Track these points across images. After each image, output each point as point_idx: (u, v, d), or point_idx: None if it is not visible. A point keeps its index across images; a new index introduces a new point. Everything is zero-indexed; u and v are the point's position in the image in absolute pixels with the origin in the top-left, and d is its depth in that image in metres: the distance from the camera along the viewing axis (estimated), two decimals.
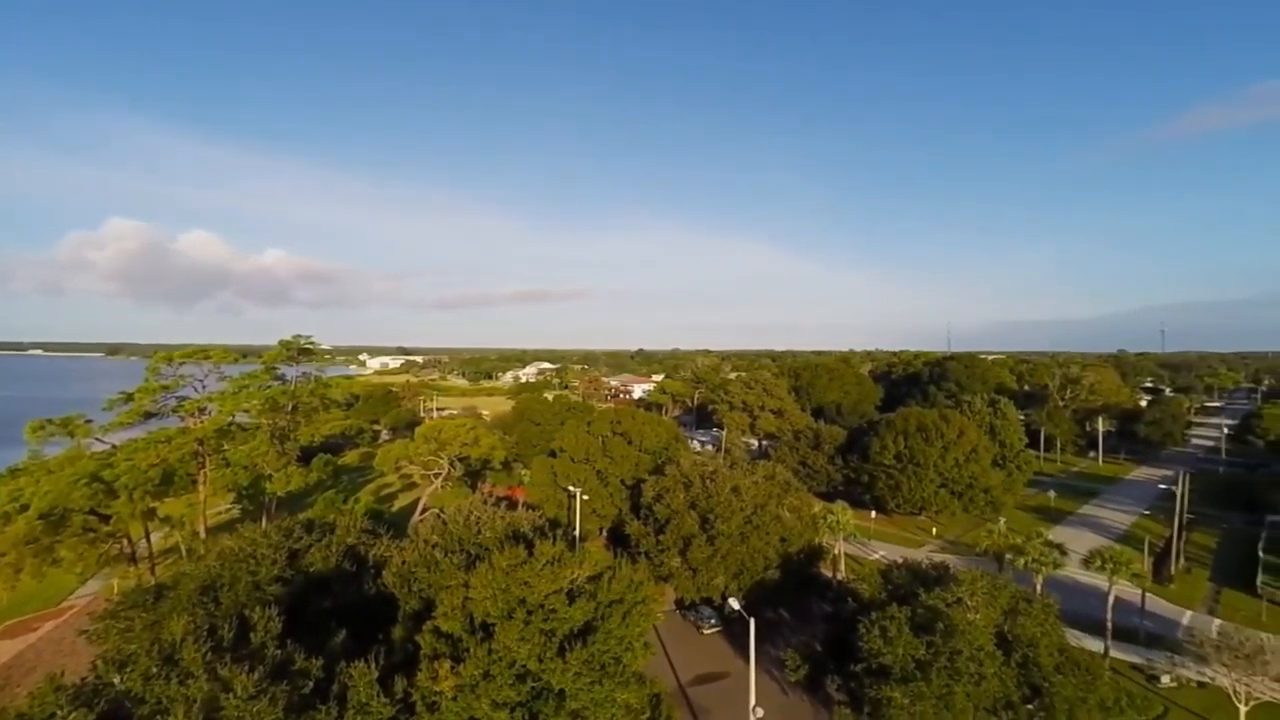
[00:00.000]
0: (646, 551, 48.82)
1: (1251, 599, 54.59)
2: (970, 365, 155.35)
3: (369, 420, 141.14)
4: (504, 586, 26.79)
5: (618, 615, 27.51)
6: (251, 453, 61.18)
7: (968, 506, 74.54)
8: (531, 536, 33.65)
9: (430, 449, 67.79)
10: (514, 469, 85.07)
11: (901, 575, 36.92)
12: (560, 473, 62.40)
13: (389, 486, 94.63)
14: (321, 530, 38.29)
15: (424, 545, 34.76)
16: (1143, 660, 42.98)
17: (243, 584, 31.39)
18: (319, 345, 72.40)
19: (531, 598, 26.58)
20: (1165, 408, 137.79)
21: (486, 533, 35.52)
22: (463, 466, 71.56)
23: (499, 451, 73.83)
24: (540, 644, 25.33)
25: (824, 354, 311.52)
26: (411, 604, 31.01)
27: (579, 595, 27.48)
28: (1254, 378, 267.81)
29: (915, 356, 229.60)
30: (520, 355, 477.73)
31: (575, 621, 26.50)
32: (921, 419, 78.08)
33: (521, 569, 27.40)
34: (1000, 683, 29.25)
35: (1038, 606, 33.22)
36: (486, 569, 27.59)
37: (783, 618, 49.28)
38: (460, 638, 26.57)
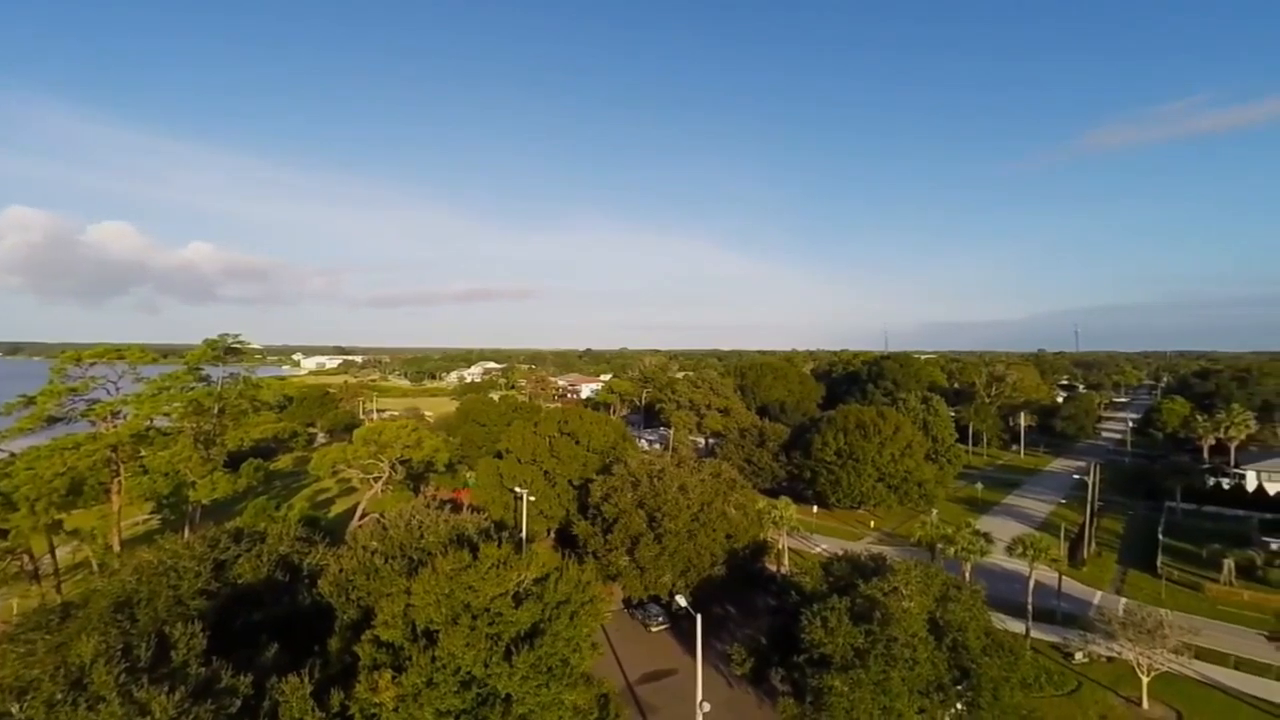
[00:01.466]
0: (594, 551, 48.69)
1: (1153, 579, 59.34)
2: (905, 364, 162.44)
3: (304, 423, 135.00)
4: (448, 591, 26.16)
5: (565, 616, 27.32)
6: (173, 459, 57.39)
7: (903, 499, 77.88)
8: (477, 540, 33.01)
9: (370, 452, 65.39)
10: (459, 471, 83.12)
11: (842, 567, 38.19)
12: (506, 474, 61.44)
13: (325, 492, 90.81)
14: (251, 539, 36.33)
15: (363, 552, 33.53)
16: (1059, 639, 45.99)
17: (163, 599, 29.44)
18: (249, 344, 68.57)
19: (477, 602, 26.06)
20: (1079, 404, 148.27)
21: (429, 537, 34.58)
22: (405, 470, 69.36)
23: (443, 453, 71.93)
24: (486, 649, 24.86)
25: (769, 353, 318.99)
26: (349, 613, 29.86)
27: (526, 598, 27.12)
28: (1155, 376, 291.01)
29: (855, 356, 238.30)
30: (465, 355, 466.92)
31: (522, 624, 26.15)
32: (860, 416, 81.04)
33: (466, 573, 26.82)
34: (932, 666, 30.67)
35: (966, 593, 35.01)
36: (429, 574, 26.87)
37: (729, 613, 50.15)
38: (402, 646, 25.78)
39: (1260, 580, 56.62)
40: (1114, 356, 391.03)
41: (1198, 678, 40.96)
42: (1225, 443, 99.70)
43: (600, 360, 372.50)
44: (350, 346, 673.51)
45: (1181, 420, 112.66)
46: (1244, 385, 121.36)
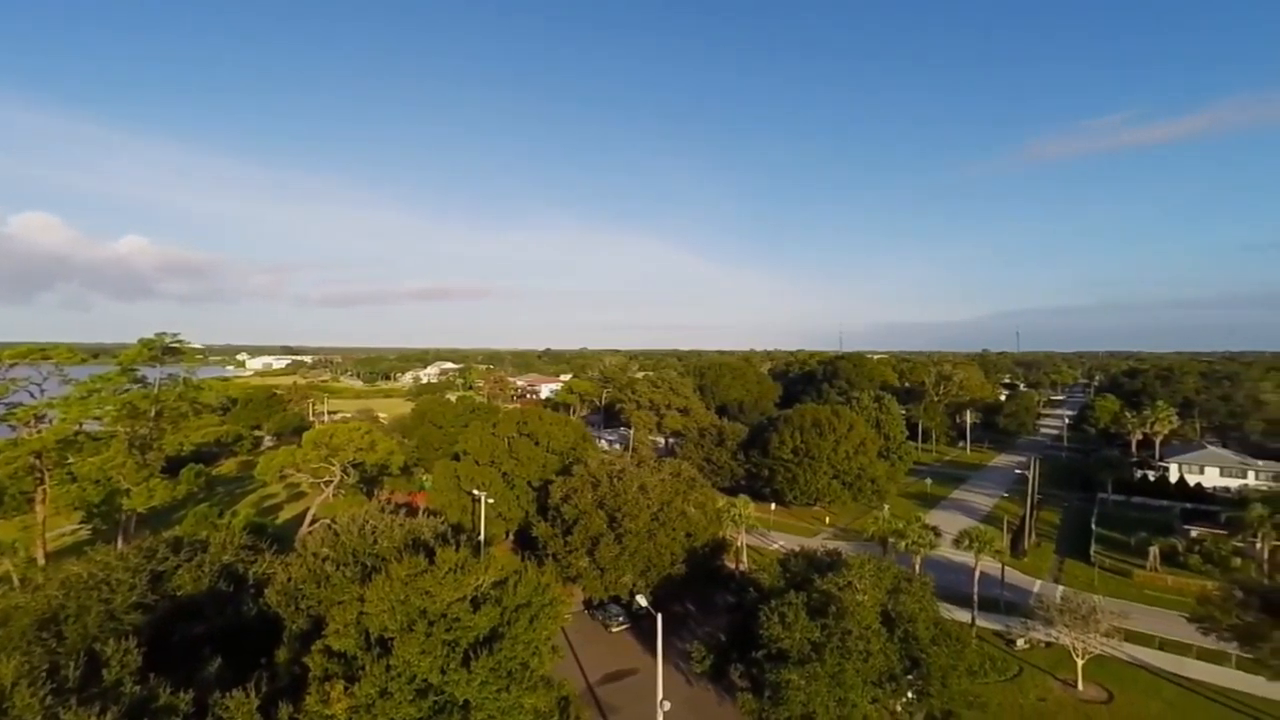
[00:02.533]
0: (554, 553, 48.33)
1: (1087, 567, 62.69)
2: (859, 364, 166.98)
3: (249, 426, 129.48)
4: (403, 598, 25.52)
5: (524, 620, 27.01)
6: (104, 465, 54.28)
7: (857, 495, 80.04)
8: (433, 544, 32.36)
9: (320, 455, 63.26)
10: (414, 474, 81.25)
11: (798, 563, 38.97)
12: (464, 476, 60.38)
13: (273, 497, 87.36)
14: (192, 548, 34.68)
15: (313, 559, 32.39)
16: (1003, 627, 48.08)
17: (93, 614, 27.75)
18: (188, 344, 65.45)
19: (433, 608, 25.50)
20: (1020, 401, 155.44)
21: (383, 542, 33.67)
22: (357, 473, 67.37)
23: (397, 456, 70.21)
24: (443, 655, 24.37)
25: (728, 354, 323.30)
26: (298, 623, 28.82)
27: (484, 602, 26.69)
28: (1088, 375, 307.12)
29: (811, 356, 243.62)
30: (421, 355, 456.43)
31: (480, 629, 25.74)
32: (816, 415, 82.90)
33: (422, 578, 26.22)
34: (885, 657, 31.62)
35: (917, 585, 36.23)
36: (383, 580, 26.15)
37: (689, 611, 50.54)
38: (354, 655, 25.02)
39: (1182, 566, 60.48)
40: (1051, 356, 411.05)
41: (1127, 659, 43.47)
42: (1151, 437, 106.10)
43: (560, 360, 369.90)
44: (299, 346, 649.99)
45: (1112, 417, 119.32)
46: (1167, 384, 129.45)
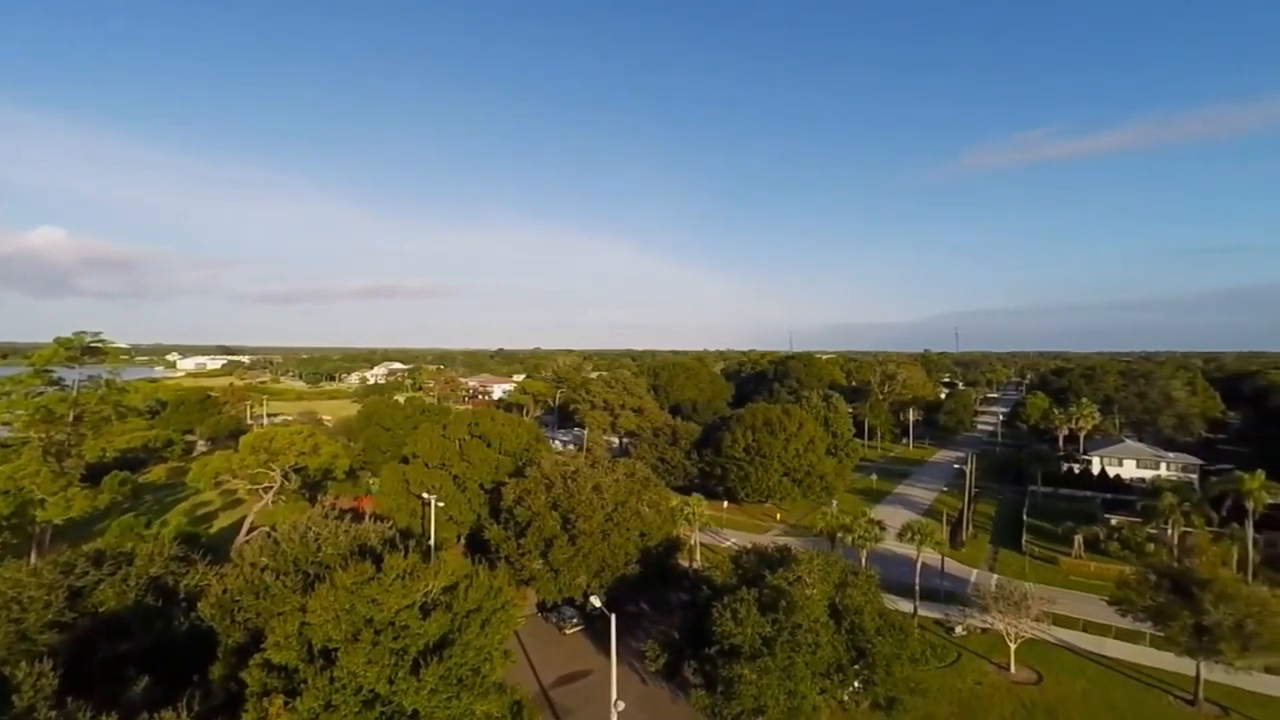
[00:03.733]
0: (507, 556, 47.68)
1: (1019, 556, 66.18)
2: (808, 364, 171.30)
3: (180, 430, 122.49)
4: (348, 606, 24.69)
5: (476, 625, 26.56)
6: (15, 473, 50.40)
7: (806, 492, 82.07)
8: (380, 550, 31.44)
9: (259, 460, 60.46)
10: (360, 478, 78.63)
11: (750, 560, 39.68)
12: (413, 479, 58.85)
13: (207, 505, 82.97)
14: (116, 561, 32.62)
15: (250, 569, 30.95)
16: (942, 615, 50.19)
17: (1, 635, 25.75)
18: (111, 343, 61.43)
19: (380, 615, 24.77)
20: (959, 400, 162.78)
21: (328, 549, 32.49)
22: (299, 478, 64.73)
23: (343, 460, 67.80)
24: (390, 664, 23.70)
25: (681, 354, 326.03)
26: (235, 637, 27.51)
27: (434, 608, 26.11)
28: (1020, 374, 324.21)
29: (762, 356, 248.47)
30: (368, 355, 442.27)
31: (430, 636, 25.16)
32: (767, 414, 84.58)
33: (368, 585, 25.43)
34: (833, 649, 32.57)
35: (863, 578, 37.45)
36: (327, 589, 25.24)
37: (643, 610, 50.72)
38: (296, 668, 24.06)
39: (1103, 552, 64.56)
40: (988, 356, 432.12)
41: (1055, 641, 46.12)
42: (1076, 432, 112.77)
43: (513, 360, 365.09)
44: (236, 346, 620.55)
45: (1042, 413, 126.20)
46: (1091, 382, 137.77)
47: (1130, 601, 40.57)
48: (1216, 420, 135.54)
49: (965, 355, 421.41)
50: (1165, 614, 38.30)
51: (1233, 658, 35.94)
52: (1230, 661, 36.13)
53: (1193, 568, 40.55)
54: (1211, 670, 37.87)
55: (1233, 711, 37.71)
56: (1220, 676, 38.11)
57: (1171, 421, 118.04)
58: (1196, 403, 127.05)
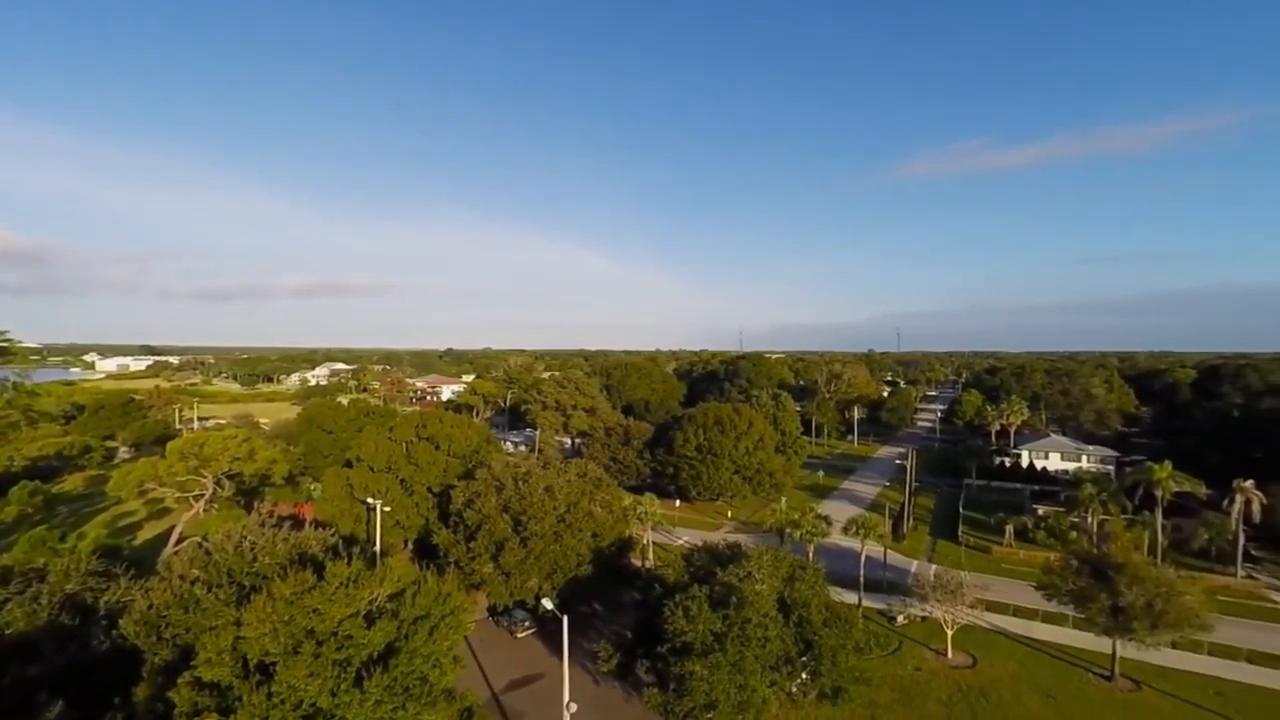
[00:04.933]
0: (456, 560, 46.73)
1: (956, 546, 69.41)
2: (758, 364, 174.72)
3: (100, 436, 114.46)
4: (287, 618, 23.68)
5: (424, 632, 25.94)
6: None
7: (756, 490, 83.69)
8: (322, 558, 30.32)
9: (189, 466, 57.25)
10: (301, 484, 75.52)
11: (701, 557, 40.20)
12: (357, 484, 56.92)
13: (130, 515, 77.94)
14: (25, 579, 30.32)
15: (180, 582, 29.28)
16: (885, 605, 52.12)
17: None
18: (19, 342, 57.01)
19: (322, 626, 23.87)
20: (900, 397, 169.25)
21: (265, 559, 31.05)
22: (234, 485, 61.62)
23: (281, 465, 64.94)
24: (333, 676, 22.87)
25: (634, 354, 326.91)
26: (162, 655, 25.97)
27: (379, 616, 25.34)
28: (957, 372, 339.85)
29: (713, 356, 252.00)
30: (309, 355, 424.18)
31: (375, 645, 24.40)
32: (718, 413, 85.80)
33: (309, 595, 24.45)
34: (781, 642, 33.36)
35: (810, 572, 38.50)
36: (264, 601, 24.13)
37: (596, 611, 50.64)
38: (230, 685, 22.91)
39: (1031, 541, 68.44)
40: (927, 356, 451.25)
41: (988, 627, 48.60)
42: (1007, 428, 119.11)
43: (463, 361, 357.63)
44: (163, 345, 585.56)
45: (976, 410, 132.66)
46: (1020, 380, 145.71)
47: (1055, 586, 43.17)
48: (1130, 415, 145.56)
49: (906, 355, 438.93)
50: (1085, 597, 40.94)
51: (1144, 635, 38.76)
52: (1141, 639, 38.95)
53: (1109, 553, 43.53)
54: (1125, 648, 40.73)
55: (1144, 685, 40.64)
56: (1133, 653, 41.02)
57: (1091, 417, 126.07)
58: (1113, 399, 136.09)
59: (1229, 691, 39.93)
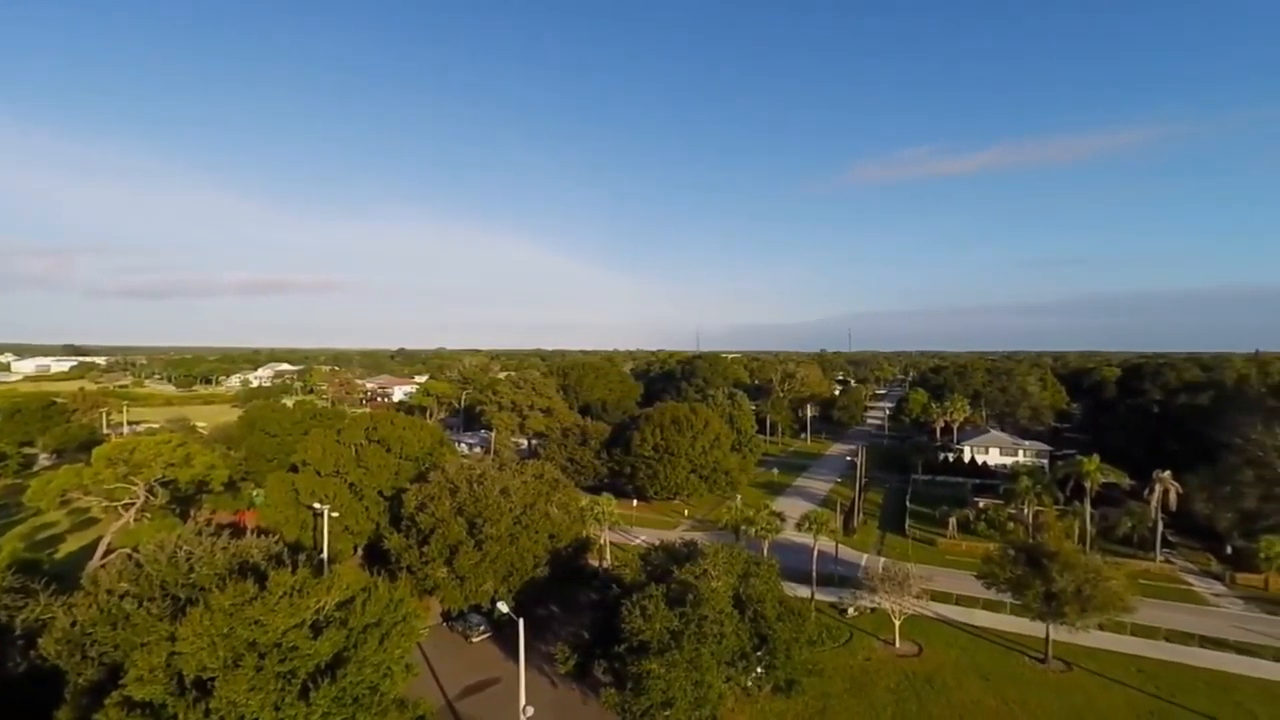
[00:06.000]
0: (409, 566, 45.64)
1: (903, 539, 71.90)
2: (714, 363, 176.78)
3: (16, 441, 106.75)
4: (226, 631, 22.64)
5: (374, 640, 25.23)
6: None
7: (712, 488, 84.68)
8: (265, 566, 29.09)
9: (117, 474, 53.99)
10: (242, 490, 72.22)
11: (658, 556, 40.42)
12: (303, 489, 54.87)
13: (51, 527, 72.97)
14: None
15: (107, 597, 27.61)
16: (836, 598, 53.54)
17: None
18: None
19: (265, 638, 22.92)
20: (851, 396, 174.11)
21: (202, 570, 29.60)
22: (168, 493, 58.44)
23: (220, 470, 61.94)
24: (277, 690, 22.00)
25: (591, 354, 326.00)
26: (87, 674, 24.48)
27: (327, 625, 24.52)
28: (904, 371, 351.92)
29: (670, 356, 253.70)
30: (251, 355, 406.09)
31: (322, 656, 23.60)
32: (675, 412, 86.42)
33: (251, 606, 23.45)
34: (737, 638, 33.87)
35: (765, 568, 39.21)
36: (201, 613, 23.01)
37: (553, 613, 50.26)
38: (163, 704, 21.76)
39: (973, 532, 71.55)
40: (876, 355, 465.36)
41: (933, 616, 50.53)
42: (951, 424, 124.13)
43: (415, 361, 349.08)
44: (89, 346, 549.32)
45: (922, 407, 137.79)
46: (962, 379, 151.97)
47: (994, 575, 45.25)
48: (1062, 411, 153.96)
49: (857, 354, 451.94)
50: (1021, 584, 43.07)
51: (1074, 619, 41.06)
52: (1072, 622, 41.25)
53: (1043, 542, 45.90)
54: (1058, 631, 43.05)
55: (1074, 665, 43.06)
56: (1064, 636, 43.38)
57: (1027, 413, 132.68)
58: (1047, 397, 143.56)
59: (1149, 669, 42.72)
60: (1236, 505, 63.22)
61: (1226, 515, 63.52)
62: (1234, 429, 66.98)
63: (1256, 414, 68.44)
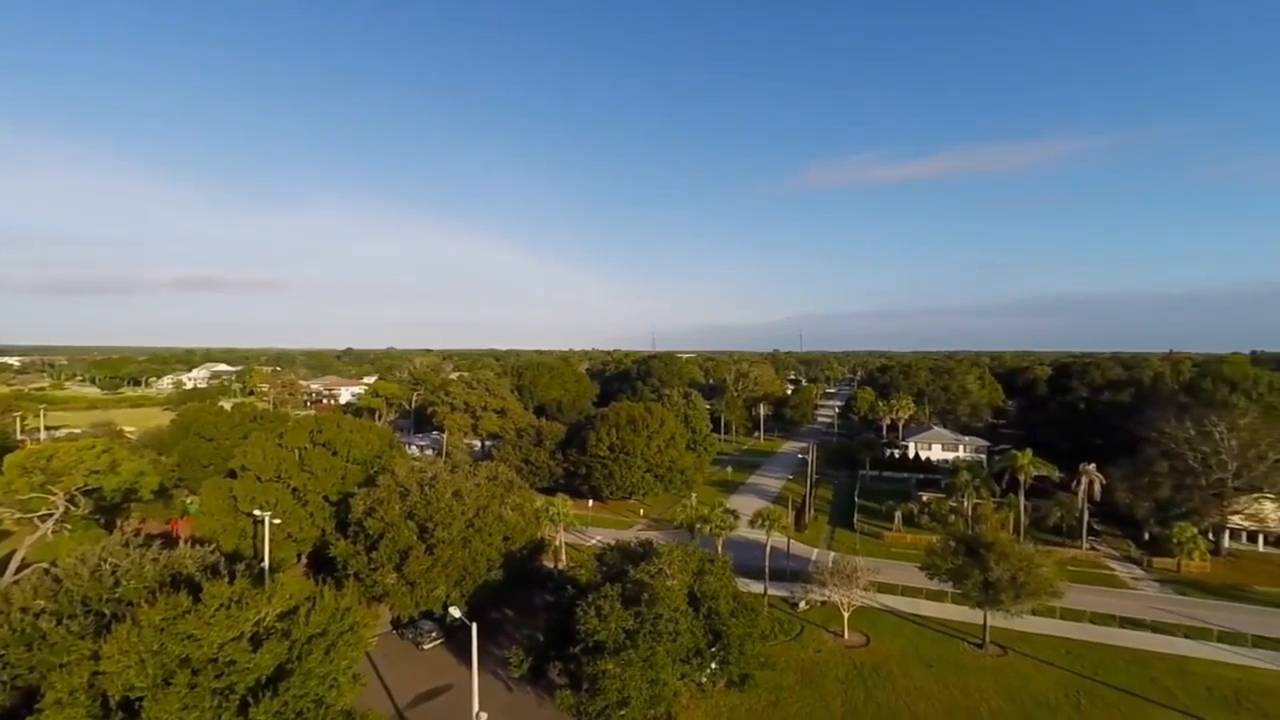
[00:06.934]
0: (357, 573, 44.20)
1: (852, 533, 74.12)
2: (670, 363, 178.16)
3: None
4: (156, 647, 21.44)
5: (319, 651, 24.35)
6: None
7: (668, 487, 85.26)
8: (199, 578, 27.70)
9: (32, 483, 50.26)
10: (175, 498, 68.50)
11: (614, 556, 40.41)
12: (242, 495, 52.44)
13: None
14: None
15: (20, 615, 25.71)
16: (788, 593, 54.72)
17: None
18: None
19: (199, 653, 21.82)
20: (802, 395, 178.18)
21: (130, 583, 27.94)
22: (91, 502, 54.81)
23: (150, 477, 58.52)
24: (212, 707, 20.98)
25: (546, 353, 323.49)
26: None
27: (268, 637, 23.52)
28: (853, 371, 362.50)
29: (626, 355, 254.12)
30: (185, 355, 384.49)
31: (262, 669, 22.63)
32: (631, 412, 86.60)
33: (184, 620, 22.28)
34: (692, 635, 34.20)
35: (719, 565, 39.73)
36: (128, 629, 21.73)
37: (507, 616, 49.62)
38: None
39: (917, 525, 74.36)
40: (827, 355, 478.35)
41: (880, 607, 52.28)
42: (896, 421, 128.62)
43: (364, 361, 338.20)
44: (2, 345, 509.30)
45: (870, 405, 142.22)
46: (907, 377, 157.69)
47: (936, 566, 47.16)
48: (999, 408, 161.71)
49: (808, 354, 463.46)
50: (961, 574, 45.04)
51: (1009, 605, 43.22)
52: (1008, 608, 43.41)
53: (981, 533, 48.13)
54: (994, 617, 45.25)
55: (1010, 649, 45.34)
56: (1001, 622, 45.64)
57: (967, 410, 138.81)
58: (985, 394, 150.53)
59: (1076, 650, 45.39)
60: (1153, 494, 67.81)
61: (1144, 504, 68.05)
62: (1150, 424, 71.73)
63: (1170, 409, 73.58)
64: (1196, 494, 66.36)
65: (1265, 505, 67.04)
